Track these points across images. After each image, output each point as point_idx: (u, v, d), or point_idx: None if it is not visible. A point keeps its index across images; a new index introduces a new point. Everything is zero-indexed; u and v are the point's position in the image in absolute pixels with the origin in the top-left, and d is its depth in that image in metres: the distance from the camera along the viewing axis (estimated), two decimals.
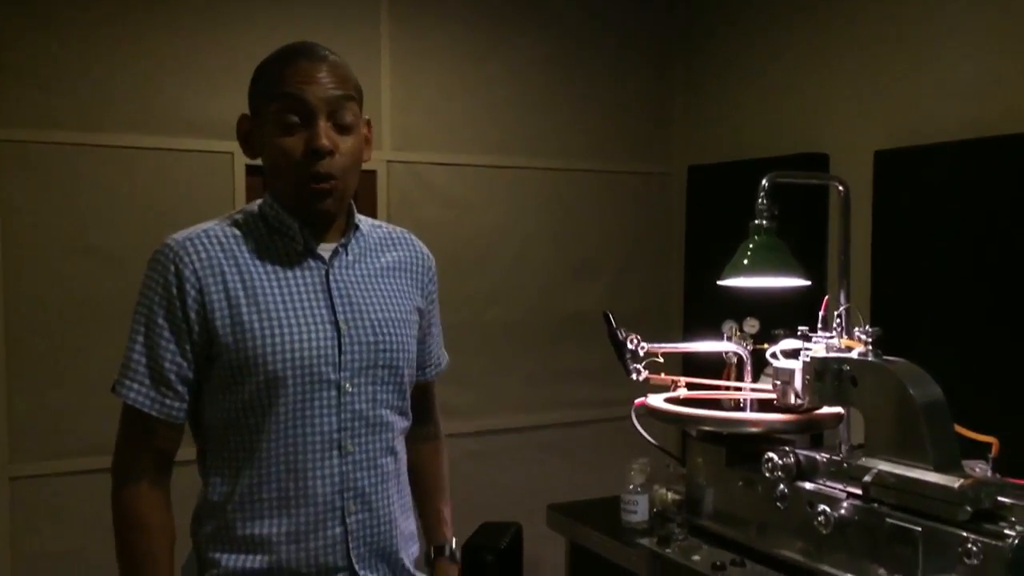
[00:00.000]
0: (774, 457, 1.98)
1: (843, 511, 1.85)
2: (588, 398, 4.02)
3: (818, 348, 2.00)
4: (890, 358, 1.89)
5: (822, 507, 1.87)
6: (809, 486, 1.94)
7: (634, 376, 2.19)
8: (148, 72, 3.24)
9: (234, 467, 1.55)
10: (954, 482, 1.68)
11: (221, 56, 3.31)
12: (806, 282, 2.16)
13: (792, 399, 2.03)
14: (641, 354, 2.19)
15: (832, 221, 3.43)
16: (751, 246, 2.13)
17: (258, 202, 1.63)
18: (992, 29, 2.97)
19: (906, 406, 1.78)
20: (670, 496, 2.35)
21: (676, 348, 2.34)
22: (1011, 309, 2.82)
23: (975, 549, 1.60)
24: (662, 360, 2.22)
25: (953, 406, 1.80)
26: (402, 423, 1.68)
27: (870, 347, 1.91)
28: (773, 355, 2.10)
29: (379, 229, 1.74)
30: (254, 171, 3.30)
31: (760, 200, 2.12)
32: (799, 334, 2.05)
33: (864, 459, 1.85)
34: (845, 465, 1.90)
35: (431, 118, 3.75)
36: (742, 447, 2.13)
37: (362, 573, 1.58)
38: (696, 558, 2.08)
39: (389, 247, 1.72)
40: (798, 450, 2.00)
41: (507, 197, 3.90)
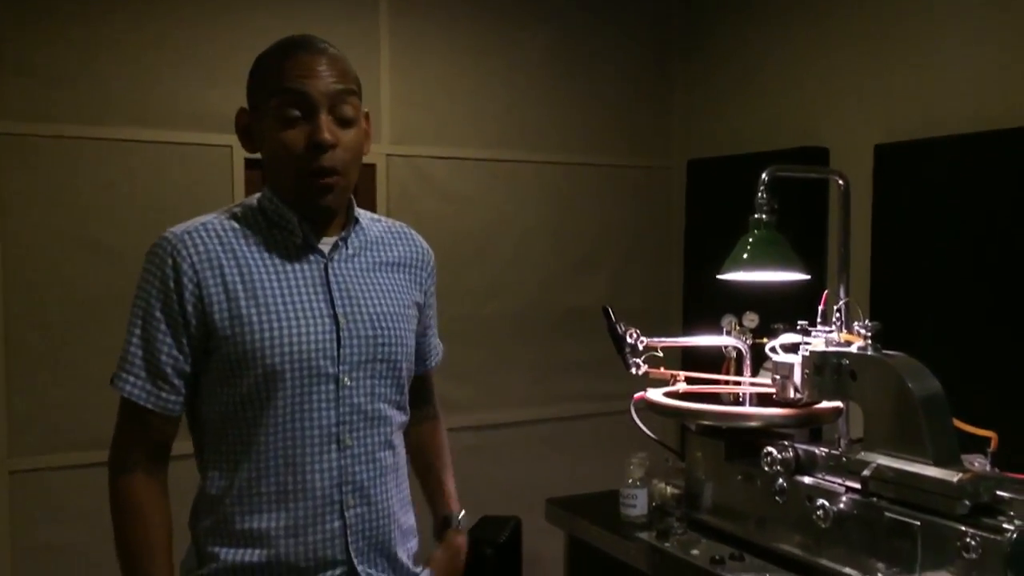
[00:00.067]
0: (773, 451, 1.98)
1: (842, 505, 1.85)
2: (587, 392, 4.02)
3: (817, 342, 2.00)
4: (889, 352, 1.89)
5: (821, 501, 1.87)
6: (808, 480, 1.94)
7: (633, 370, 2.20)
8: (147, 65, 3.23)
9: (232, 461, 1.55)
10: (953, 476, 1.68)
11: (220, 49, 3.31)
12: (806, 276, 2.16)
13: (791, 393, 2.03)
14: (640, 348, 2.19)
15: (832, 215, 3.43)
16: (751, 240, 2.13)
17: (257, 196, 1.63)
18: (992, 23, 2.96)
19: (905, 400, 1.78)
20: (669, 490, 2.35)
21: (675, 342, 2.34)
22: (1010, 304, 2.82)
23: (974, 543, 1.60)
24: (661, 354, 2.22)
25: (952, 400, 1.80)
26: (400, 417, 1.68)
27: (869, 341, 1.91)
28: (772, 349, 2.10)
29: (379, 223, 1.73)
30: (253, 164, 3.30)
31: (760, 194, 2.12)
32: (798, 328, 2.06)
33: (863, 453, 1.86)
34: (844, 459, 1.90)
35: (430, 112, 3.74)
36: (741, 441, 2.13)
37: (360, 568, 1.58)
38: (695, 552, 2.08)
39: (389, 242, 1.72)
40: (797, 444, 2.00)
41: (507, 191, 3.90)
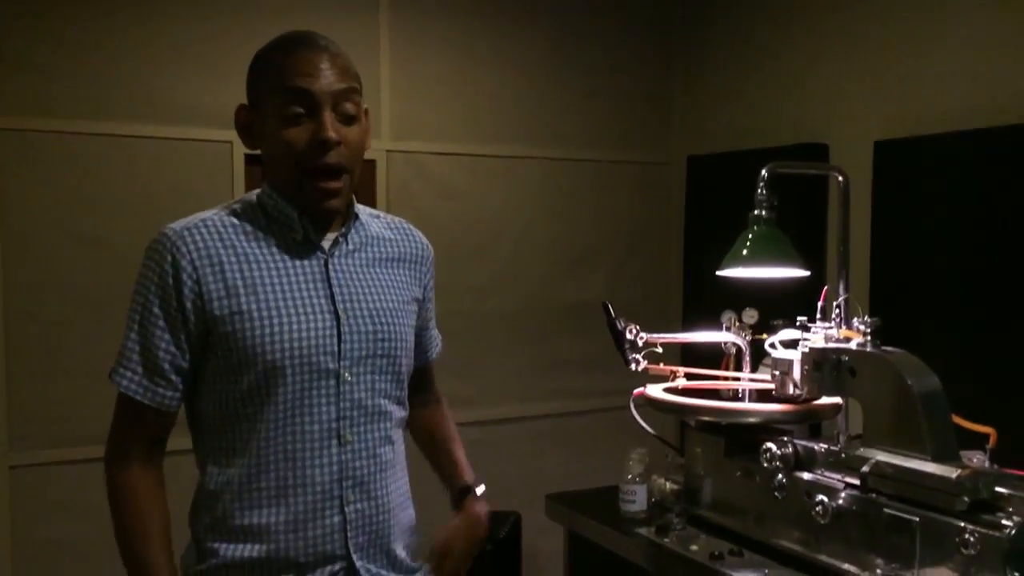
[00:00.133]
0: (772, 447, 1.99)
1: (841, 501, 1.85)
2: (587, 388, 4.02)
3: (817, 338, 2.00)
4: (888, 348, 1.89)
5: (820, 497, 1.87)
6: (807, 476, 1.95)
7: (633, 366, 2.20)
8: (147, 61, 3.23)
9: (231, 456, 1.55)
10: (952, 472, 1.68)
11: (221, 45, 3.30)
12: (805, 272, 2.16)
13: (790, 389, 2.04)
14: (640, 344, 2.19)
15: (831, 212, 3.43)
16: (750, 236, 2.13)
17: (256, 192, 1.63)
18: (993, 19, 2.96)
19: (904, 397, 1.78)
20: (668, 486, 2.35)
21: (675, 338, 2.34)
22: (1010, 300, 2.82)
23: (972, 539, 1.61)
24: (661, 350, 2.22)
25: (951, 397, 1.81)
26: (400, 412, 1.68)
27: (868, 337, 1.91)
28: (772, 345, 2.10)
29: (378, 219, 1.74)
30: (253, 160, 3.29)
31: (759, 190, 2.12)
32: (798, 324, 2.06)
33: (862, 449, 1.86)
34: (843, 455, 1.91)
35: (431, 108, 3.74)
36: (740, 437, 2.13)
37: (359, 563, 1.58)
38: (694, 548, 2.08)
39: (388, 237, 1.72)
40: (796, 440, 2.00)
41: (507, 187, 3.90)
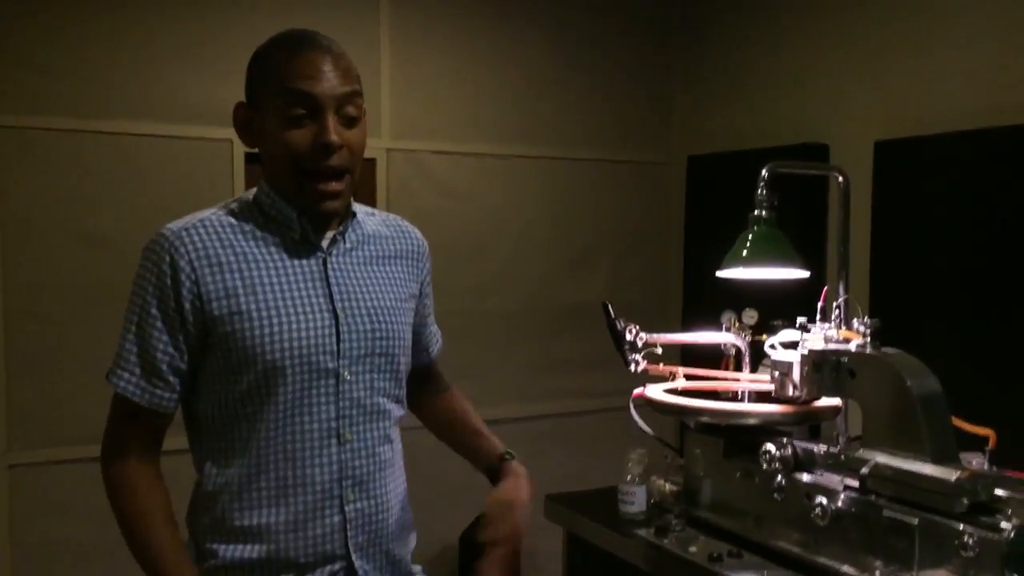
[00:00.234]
0: (772, 448, 1.98)
1: (840, 503, 1.85)
2: (586, 388, 4.02)
3: (816, 339, 2.00)
4: (888, 350, 1.89)
5: (819, 499, 1.87)
6: (806, 478, 1.94)
7: (632, 367, 2.20)
8: (147, 59, 3.23)
9: (230, 457, 1.54)
10: (951, 474, 1.68)
11: (221, 43, 3.30)
12: (805, 273, 2.15)
13: (790, 391, 2.03)
14: (639, 344, 2.19)
15: (832, 212, 3.43)
16: (750, 237, 2.13)
17: (253, 191, 1.62)
18: (993, 18, 2.96)
19: (904, 398, 1.78)
20: (668, 487, 2.35)
21: (674, 339, 2.34)
22: (1010, 301, 2.82)
23: (971, 541, 1.60)
24: (660, 351, 2.22)
25: (951, 398, 1.80)
26: (398, 411, 1.68)
27: (868, 339, 1.91)
28: (771, 346, 2.10)
29: (373, 217, 1.73)
30: (253, 158, 3.29)
31: (760, 190, 2.12)
32: (798, 325, 2.05)
33: (861, 451, 1.85)
34: (842, 457, 1.90)
35: (431, 106, 3.74)
36: (740, 438, 2.13)
37: (358, 563, 1.58)
38: (693, 549, 2.08)
39: (384, 235, 1.72)
40: (796, 442, 2.00)
41: (507, 186, 3.90)
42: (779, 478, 1.97)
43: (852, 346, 1.92)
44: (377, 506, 1.60)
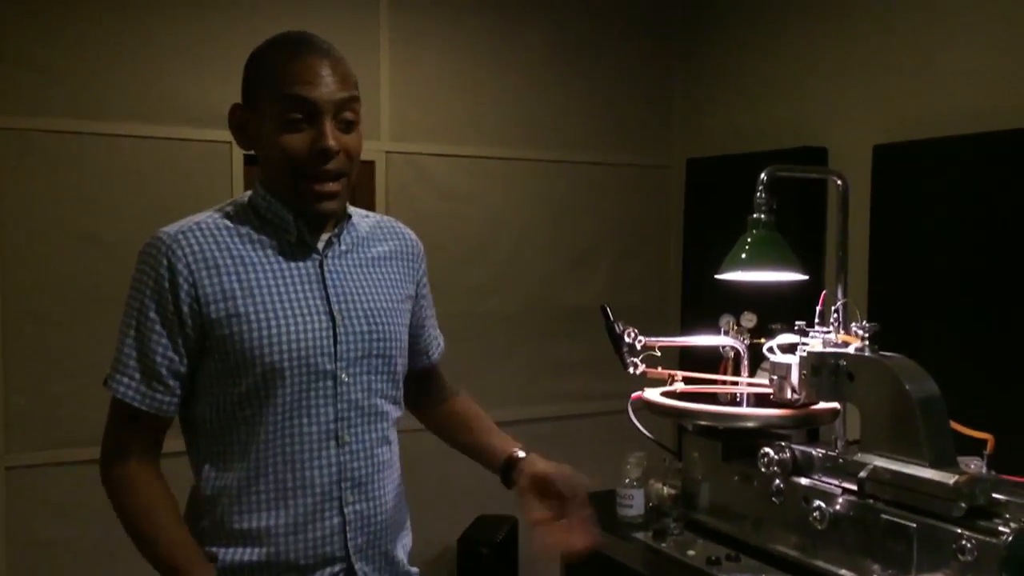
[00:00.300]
0: (770, 452, 1.98)
1: (838, 507, 1.85)
2: (584, 391, 4.01)
3: (815, 343, 2.00)
4: (887, 354, 1.89)
5: (817, 502, 1.87)
6: (805, 481, 1.94)
7: (631, 369, 2.20)
8: (147, 60, 3.23)
9: (229, 460, 1.54)
10: (949, 478, 1.68)
11: (221, 45, 3.30)
12: (804, 277, 2.15)
13: (788, 394, 2.03)
14: (638, 347, 2.19)
15: (830, 215, 3.43)
16: (749, 240, 2.13)
17: (248, 194, 1.62)
18: (993, 22, 2.96)
19: (902, 402, 1.78)
20: (666, 490, 2.35)
21: (673, 342, 2.34)
22: (1009, 306, 2.82)
23: (969, 545, 1.61)
24: (659, 354, 2.22)
25: (949, 402, 1.80)
26: (396, 412, 1.68)
27: (867, 342, 1.91)
28: (770, 350, 2.10)
29: (367, 219, 1.73)
30: (252, 160, 3.28)
31: (758, 194, 2.12)
32: (796, 329, 2.05)
33: (860, 455, 1.86)
34: (841, 461, 1.91)
35: (430, 109, 3.74)
36: (738, 442, 2.13)
37: (358, 565, 1.58)
38: (691, 552, 2.08)
39: (379, 237, 1.72)
40: (794, 445, 2.00)
41: (506, 188, 3.90)
42: (777, 482, 1.97)
43: (851, 349, 1.92)
44: (376, 507, 1.60)
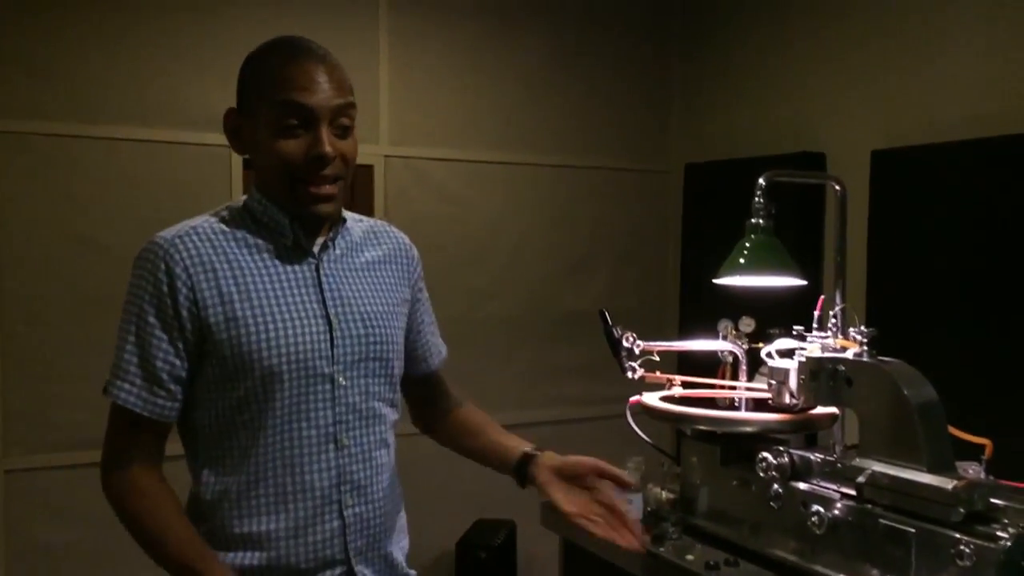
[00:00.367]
0: (768, 457, 1.98)
1: (837, 511, 1.85)
2: (583, 396, 4.01)
3: (813, 348, 2.00)
4: (885, 359, 1.89)
5: (816, 507, 1.87)
6: (803, 486, 1.94)
7: (629, 374, 2.19)
8: (145, 64, 3.23)
9: (228, 465, 1.54)
10: (948, 483, 1.68)
11: (219, 48, 3.30)
12: (802, 282, 2.16)
13: (787, 399, 2.03)
14: (637, 352, 2.19)
15: (828, 221, 3.43)
16: (747, 245, 2.13)
17: (243, 198, 1.62)
18: (991, 29, 2.97)
19: (900, 407, 1.78)
20: (664, 495, 2.35)
21: (671, 346, 2.34)
22: (1007, 311, 2.83)
23: (968, 551, 1.60)
24: (657, 358, 2.21)
25: (948, 407, 1.80)
26: (393, 415, 1.68)
27: (865, 347, 1.91)
28: (768, 354, 2.10)
29: (361, 223, 1.74)
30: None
31: (757, 199, 2.12)
32: (794, 334, 2.05)
33: (858, 460, 1.85)
34: (839, 465, 1.91)
35: (429, 113, 3.74)
36: (737, 446, 2.13)
37: (358, 568, 1.58)
38: (690, 557, 2.08)
39: (373, 241, 1.72)
40: (792, 450, 2.00)
41: (504, 193, 3.90)
42: (776, 486, 1.97)
43: (849, 354, 1.92)
44: (375, 510, 1.60)
